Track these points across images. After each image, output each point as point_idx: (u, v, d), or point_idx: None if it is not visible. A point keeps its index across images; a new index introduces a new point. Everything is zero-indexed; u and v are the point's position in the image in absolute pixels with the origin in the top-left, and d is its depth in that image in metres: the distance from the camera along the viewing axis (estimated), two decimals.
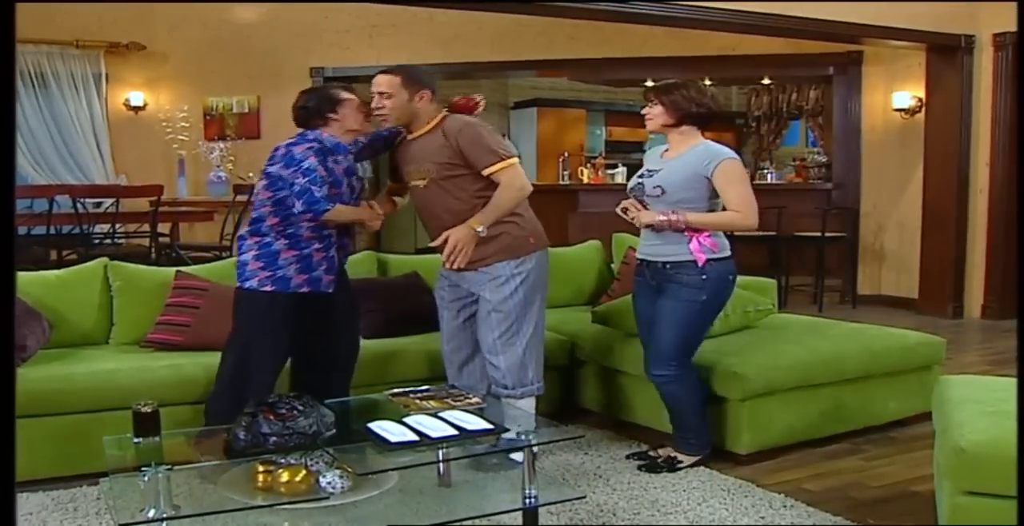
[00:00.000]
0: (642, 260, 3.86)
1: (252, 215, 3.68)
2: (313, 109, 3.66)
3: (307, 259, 3.62)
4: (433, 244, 3.70)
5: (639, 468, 3.83)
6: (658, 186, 3.68)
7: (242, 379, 3.55)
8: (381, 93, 3.71)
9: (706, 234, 3.69)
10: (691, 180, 3.67)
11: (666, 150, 3.86)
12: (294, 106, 3.71)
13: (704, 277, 3.68)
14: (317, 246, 3.63)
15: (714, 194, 3.69)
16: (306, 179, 3.49)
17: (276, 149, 3.61)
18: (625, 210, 3.77)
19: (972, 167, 7.77)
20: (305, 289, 3.62)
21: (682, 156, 3.73)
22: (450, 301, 3.91)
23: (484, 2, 6.93)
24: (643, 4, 6.34)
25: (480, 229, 3.61)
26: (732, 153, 3.73)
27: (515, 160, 3.71)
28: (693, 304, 3.70)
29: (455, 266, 3.65)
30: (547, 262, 3.87)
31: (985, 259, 7.76)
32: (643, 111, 3.81)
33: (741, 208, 3.63)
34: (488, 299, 3.73)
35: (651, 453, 3.96)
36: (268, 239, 3.60)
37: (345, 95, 3.69)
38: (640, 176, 3.83)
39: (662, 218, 3.64)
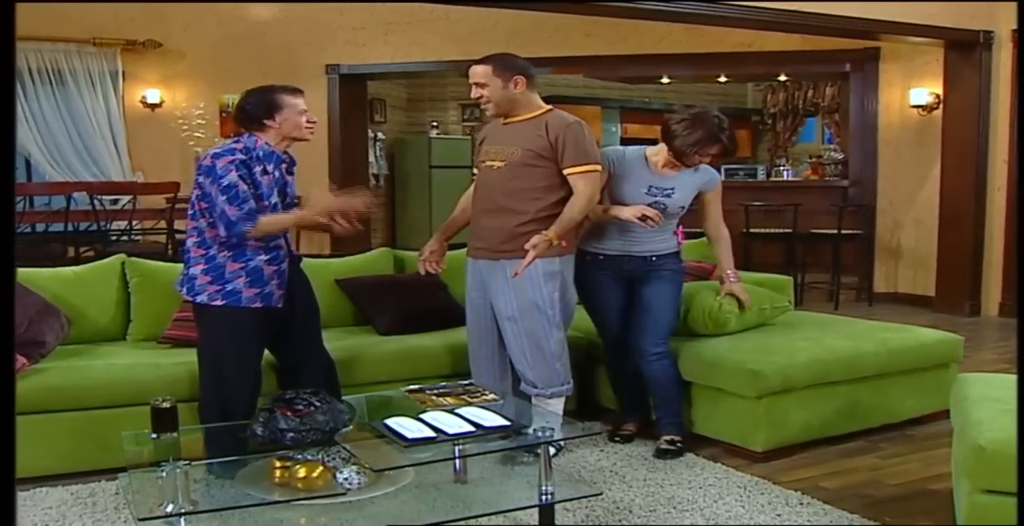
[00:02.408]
0: (613, 256, 4.02)
1: (192, 225, 3.52)
2: (250, 113, 3.49)
3: (256, 272, 3.49)
4: (527, 245, 3.57)
5: (655, 456, 3.93)
6: (682, 207, 4.05)
7: (219, 390, 3.49)
8: (476, 83, 3.74)
9: (681, 228, 4.25)
10: (694, 193, 4.07)
11: (647, 161, 4.02)
12: (236, 105, 3.59)
13: (682, 262, 4.17)
14: (264, 258, 3.50)
15: None
16: (224, 197, 3.34)
17: (204, 157, 3.47)
18: (645, 218, 3.83)
19: (990, 164, 7.72)
20: (258, 304, 3.50)
21: (684, 174, 4.01)
22: (478, 298, 3.92)
23: None
24: (659, 1, 6.32)
25: (556, 242, 3.64)
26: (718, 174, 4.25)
27: (598, 168, 3.77)
28: (680, 286, 4.13)
29: (517, 273, 3.61)
30: (573, 266, 3.92)
31: (1002, 256, 7.71)
32: (707, 161, 3.98)
33: (721, 222, 4.17)
34: (511, 296, 3.74)
35: (621, 432, 4.18)
36: (212, 251, 3.47)
37: (287, 99, 3.50)
38: (651, 194, 3.95)
39: (738, 283, 4.24)
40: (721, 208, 4.14)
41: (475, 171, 4.04)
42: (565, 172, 3.71)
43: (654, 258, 4.00)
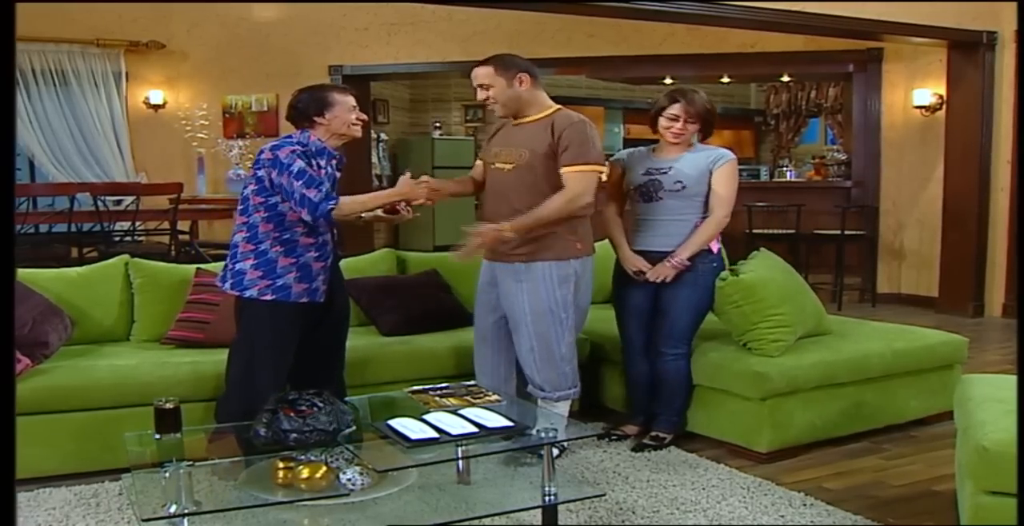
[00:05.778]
0: (642, 252, 4.04)
1: (243, 220, 3.56)
2: (301, 110, 3.57)
3: (306, 268, 3.55)
4: (472, 230, 3.60)
5: (632, 449, 4.00)
6: (679, 182, 3.93)
7: (249, 384, 3.51)
8: (480, 86, 3.72)
9: None
10: (704, 175, 3.97)
11: (652, 149, 4.11)
12: (288, 105, 3.64)
13: (715, 264, 4.04)
14: (314, 254, 3.57)
15: None
16: (300, 183, 3.39)
17: (260, 152, 3.52)
18: (641, 272, 4.01)
19: (993, 165, 7.72)
20: (305, 300, 3.56)
21: (688, 154, 4.01)
22: (486, 301, 3.93)
23: (502, 0, 6.92)
24: (662, 2, 6.32)
25: (512, 236, 3.61)
26: (732, 154, 4.06)
27: (597, 168, 3.71)
28: (708, 289, 4.00)
29: (458, 258, 3.68)
30: (592, 268, 3.89)
31: (1006, 257, 7.71)
32: (675, 130, 3.95)
33: (724, 207, 3.95)
34: (524, 299, 3.73)
35: (616, 432, 4.18)
36: (264, 246, 3.52)
37: (337, 97, 3.58)
38: (647, 174, 4.02)
39: (676, 261, 3.91)
40: (728, 190, 3.95)
41: (478, 160, 4.05)
42: (561, 170, 3.66)
43: None
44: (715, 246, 4.01)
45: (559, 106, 3.82)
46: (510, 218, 3.66)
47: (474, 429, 2.89)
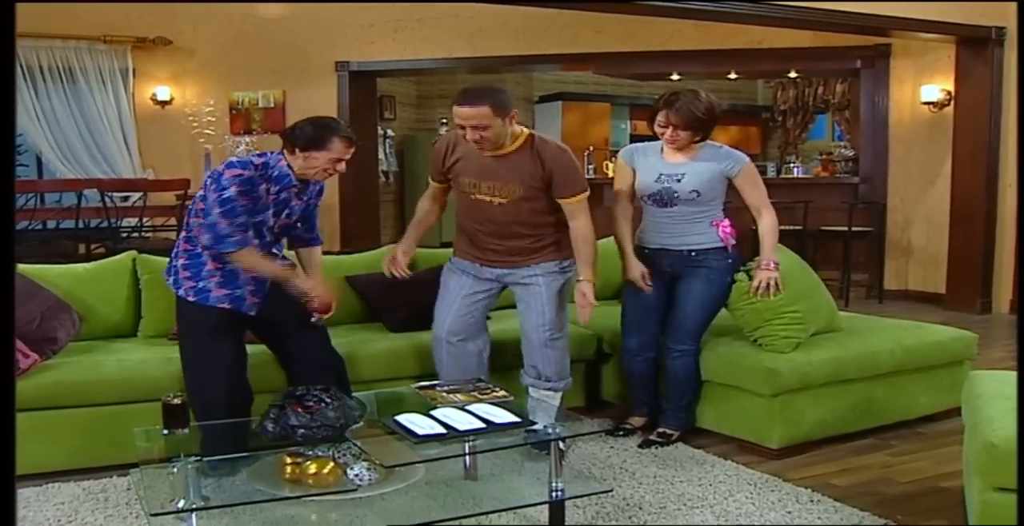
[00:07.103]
0: (657, 249, 4.04)
1: (188, 221, 3.57)
2: (295, 135, 3.45)
3: (231, 275, 3.52)
4: (585, 296, 3.77)
5: (638, 445, 4.00)
6: (695, 190, 3.89)
7: (193, 382, 3.54)
8: (475, 127, 3.59)
9: (728, 222, 3.97)
10: (716, 180, 3.93)
11: (661, 149, 4.03)
12: (295, 123, 3.53)
13: (730, 261, 3.99)
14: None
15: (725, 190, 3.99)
16: (220, 209, 3.35)
17: (224, 162, 3.49)
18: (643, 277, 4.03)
19: (1001, 161, 7.68)
20: (226, 305, 3.52)
21: (699, 157, 3.95)
22: (466, 300, 3.98)
23: None
24: None
25: (596, 282, 3.83)
26: (746, 155, 4.02)
27: (588, 191, 3.80)
28: (722, 286, 3.98)
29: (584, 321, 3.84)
30: None
31: (1014, 254, 7.67)
32: (667, 136, 3.90)
33: (767, 206, 3.96)
34: (544, 291, 3.86)
35: (624, 426, 4.19)
36: (197, 249, 3.53)
37: (333, 145, 3.44)
38: (658, 180, 3.96)
39: (771, 264, 3.89)
40: (762, 192, 3.96)
41: (431, 180, 4.09)
42: (562, 201, 3.76)
43: (693, 253, 3.96)
44: (730, 243, 3.98)
45: (529, 131, 3.80)
46: (509, 237, 3.85)
47: (481, 425, 2.89)
